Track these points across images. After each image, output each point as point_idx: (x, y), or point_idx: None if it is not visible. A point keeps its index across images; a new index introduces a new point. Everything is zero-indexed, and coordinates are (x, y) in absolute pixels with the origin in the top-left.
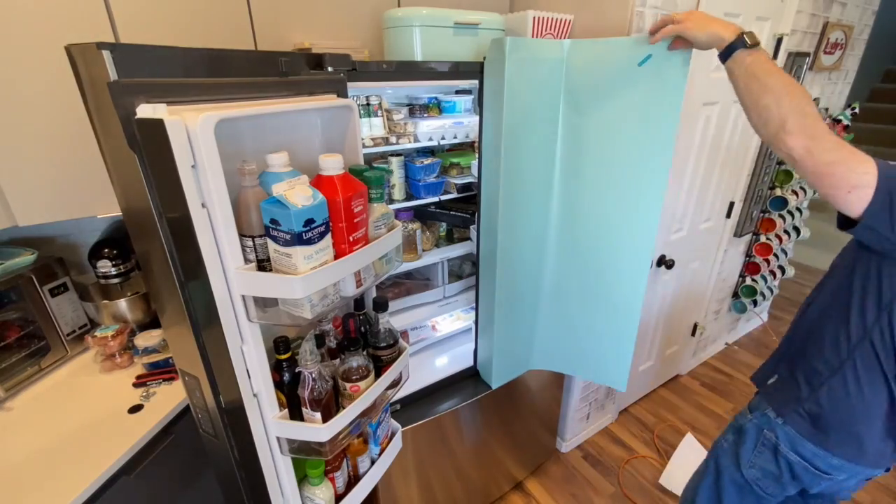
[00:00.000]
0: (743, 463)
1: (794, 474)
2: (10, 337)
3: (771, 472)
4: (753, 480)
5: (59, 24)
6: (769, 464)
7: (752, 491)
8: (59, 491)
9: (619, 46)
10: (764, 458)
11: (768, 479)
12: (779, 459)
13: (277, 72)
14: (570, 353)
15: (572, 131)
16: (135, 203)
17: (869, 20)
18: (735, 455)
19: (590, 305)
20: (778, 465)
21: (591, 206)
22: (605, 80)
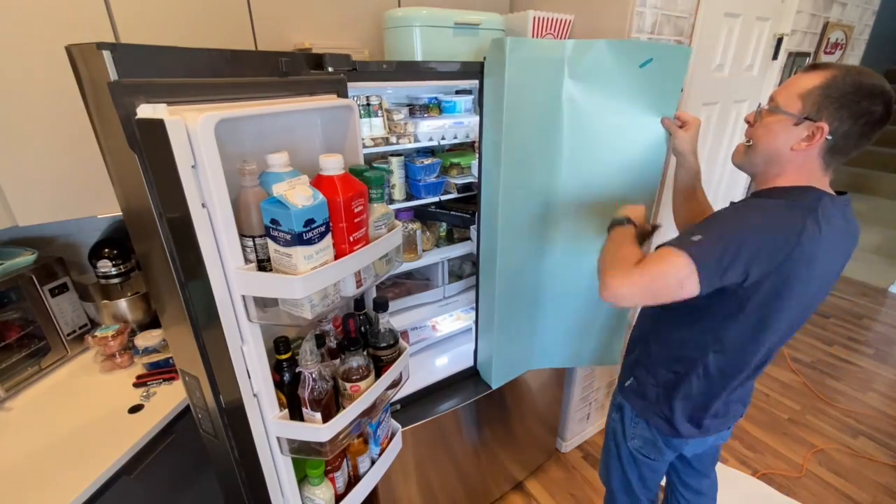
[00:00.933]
0: (627, 436)
1: (666, 440)
2: (11, 337)
3: (648, 439)
4: (637, 449)
5: (59, 24)
6: (645, 431)
7: (640, 460)
8: (59, 491)
9: (622, 48)
10: (640, 427)
11: (648, 446)
12: (651, 428)
13: (278, 72)
14: (570, 348)
15: (574, 130)
16: (135, 203)
17: (869, 20)
18: (622, 430)
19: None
20: (651, 432)
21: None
22: (608, 80)
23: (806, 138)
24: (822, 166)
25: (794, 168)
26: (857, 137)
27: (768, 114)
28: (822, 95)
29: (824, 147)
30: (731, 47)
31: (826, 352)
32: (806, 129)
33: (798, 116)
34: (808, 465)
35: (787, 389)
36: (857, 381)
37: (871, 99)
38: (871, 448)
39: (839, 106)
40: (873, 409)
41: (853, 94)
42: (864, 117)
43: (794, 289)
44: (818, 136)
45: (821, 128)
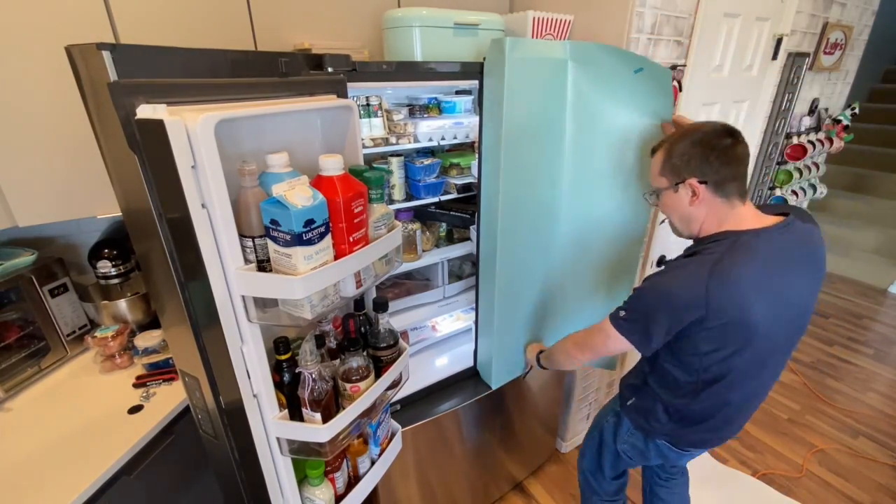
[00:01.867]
0: (618, 439)
1: (661, 453)
2: (10, 337)
3: (639, 449)
4: (623, 451)
5: (59, 24)
6: (639, 442)
7: (621, 459)
8: (59, 491)
9: (617, 53)
10: (636, 438)
11: (635, 452)
12: (648, 442)
13: (277, 72)
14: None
15: (573, 130)
16: (135, 203)
17: (869, 20)
18: (614, 433)
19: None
20: (647, 446)
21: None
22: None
23: (692, 195)
24: (724, 202)
25: (705, 216)
26: (724, 167)
27: (656, 196)
28: (670, 165)
29: (709, 190)
30: (731, 47)
31: (826, 352)
32: (684, 189)
33: (671, 186)
34: (808, 465)
35: (787, 389)
36: (857, 381)
37: (703, 142)
38: (871, 448)
39: (686, 161)
40: (873, 409)
41: (689, 149)
42: (713, 153)
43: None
44: (696, 189)
45: (690, 183)
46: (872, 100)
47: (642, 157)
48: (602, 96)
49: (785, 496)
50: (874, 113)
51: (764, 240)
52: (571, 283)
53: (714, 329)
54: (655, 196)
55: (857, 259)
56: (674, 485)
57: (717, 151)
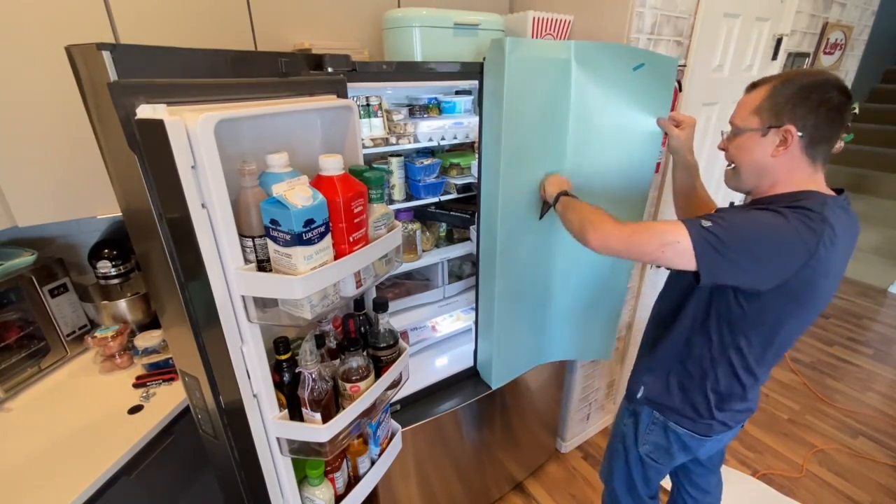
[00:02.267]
0: (639, 441)
1: (682, 444)
2: (10, 337)
3: (661, 445)
4: (647, 454)
5: (59, 24)
6: (660, 438)
7: (648, 465)
8: (59, 491)
9: (618, 51)
10: (655, 434)
11: (659, 451)
12: (668, 434)
13: (277, 72)
14: (567, 343)
15: (573, 130)
16: (135, 203)
17: (868, 21)
18: (634, 435)
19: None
20: (667, 439)
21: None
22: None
23: (780, 143)
24: (808, 163)
25: (784, 173)
26: (827, 125)
27: (734, 136)
28: (772, 104)
29: (802, 144)
30: (731, 47)
31: (826, 352)
32: (775, 135)
33: (762, 128)
34: (807, 466)
35: (786, 389)
36: (857, 381)
37: (820, 89)
38: (871, 448)
39: (793, 106)
40: (873, 409)
41: (801, 91)
42: (824, 105)
43: (811, 294)
44: (790, 138)
45: (788, 129)
46: (873, 100)
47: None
48: (602, 95)
49: (785, 496)
50: (874, 113)
51: (843, 210)
52: (571, 282)
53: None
54: (732, 136)
55: (857, 259)
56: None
57: (829, 106)
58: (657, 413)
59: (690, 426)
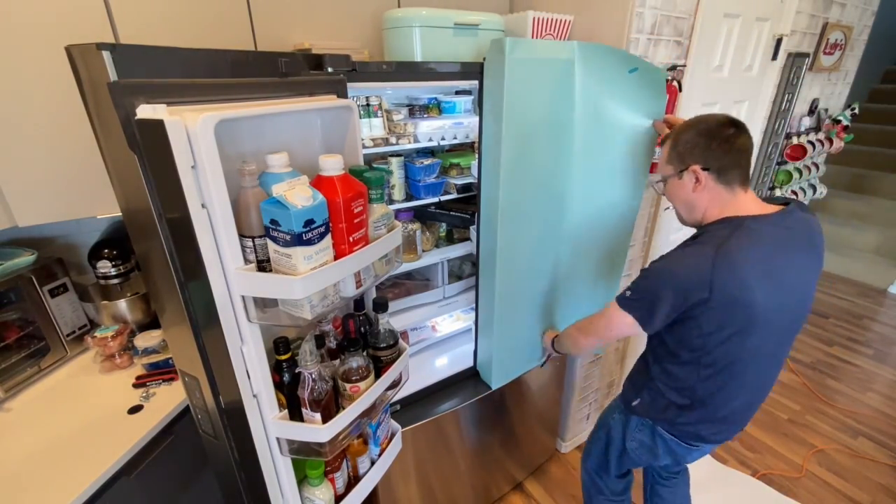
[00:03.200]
0: (627, 436)
1: (669, 449)
2: (10, 337)
3: (647, 445)
4: (632, 450)
5: (59, 24)
6: (647, 438)
7: (629, 458)
8: (59, 491)
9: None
10: (643, 434)
11: (643, 450)
12: (655, 437)
13: (277, 72)
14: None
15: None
16: (135, 203)
17: (868, 21)
18: (623, 431)
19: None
20: (654, 441)
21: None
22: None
23: (695, 181)
24: (725, 190)
25: (706, 203)
26: (725, 155)
27: (662, 184)
28: (676, 152)
29: (714, 178)
30: (731, 48)
31: (826, 352)
32: (688, 176)
33: (675, 173)
34: (807, 466)
35: (786, 389)
36: (857, 381)
37: (709, 127)
38: (871, 448)
39: (690, 149)
40: (873, 410)
41: (695, 136)
42: (717, 139)
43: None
44: (699, 175)
45: (694, 169)
46: (872, 100)
47: (638, 155)
48: (600, 96)
49: (785, 496)
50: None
51: (766, 224)
52: (571, 282)
53: (717, 309)
54: (663, 184)
55: (857, 259)
56: (674, 483)
57: (720, 140)
58: (647, 419)
59: (678, 433)
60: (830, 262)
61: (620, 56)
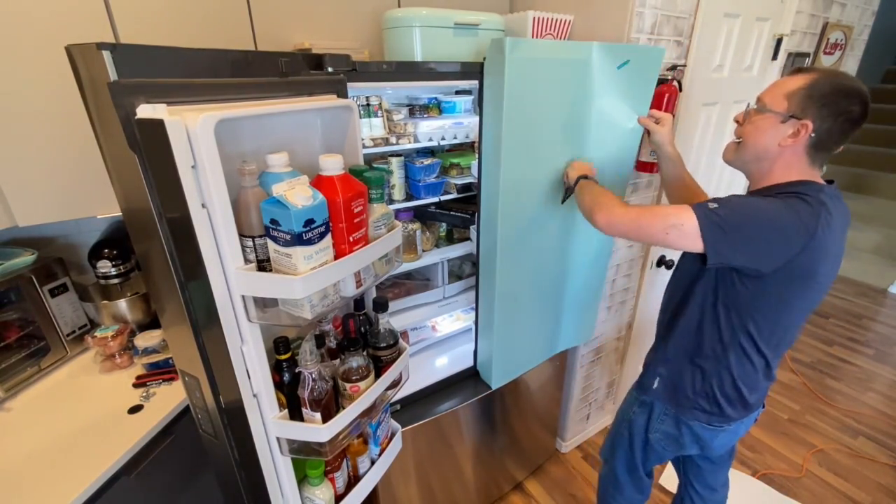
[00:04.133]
0: (650, 428)
1: (695, 436)
2: (10, 337)
3: (672, 435)
4: (656, 441)
5: (59, 24)
6: (671, 429)
7: (654, 449)
8: (59, 491)
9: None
10: (666, 424)
11: (669, 441)
12: (680, 426)
13: (277, 72)
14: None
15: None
16: (135, 203)
17: (869, 21)
18: (646, 423)
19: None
20: (679, 430)
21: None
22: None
23: (792, 135)
24: (808, 162)
25: (782, 164)
26: (837, 134)
27: (756, 113)
28: (805, 95)
29: (809, 143)
30: (731, 48)
31: (826, 352)
32: (791, 126)
33: (784, 114)
34: (808, 465)
35: (787, 389)
36: (857, 381)
37: (849, 99)
38: (871, 448)
39: (821, 105)
40: (873, 409)
41: (834, 95)
42: (844, 115)
43: (811, 276)
44: (803, 132)
45: (805, 125)
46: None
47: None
48: (599, 95)
49: (785, 496)
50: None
51: (837, 198)
52: (571, 281)
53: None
54: (755, 112)
55: (857, 259)
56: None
57: (849, 117)
58: (670, 406)
59: (705, 419)
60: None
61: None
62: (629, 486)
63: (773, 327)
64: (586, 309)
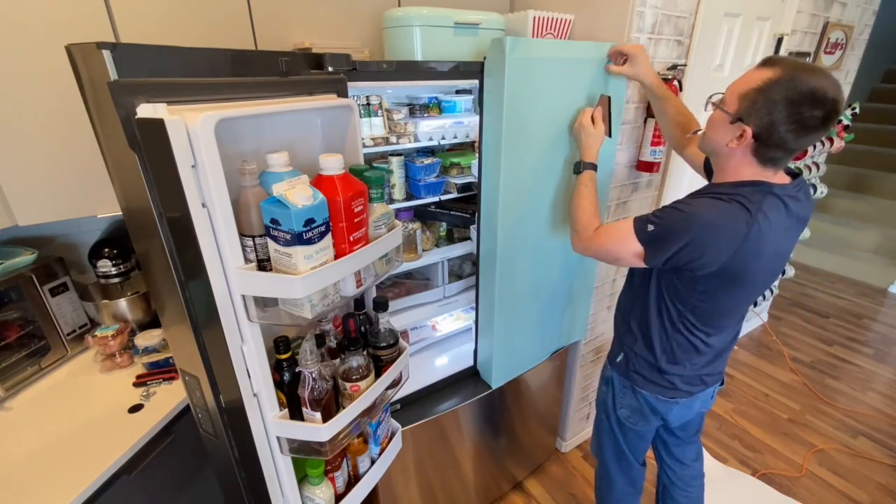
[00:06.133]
0: (616, 405)
1: (651, 406)
2: (10, 337)
3: (635, 408)
4: (625, 418)
5: (60, 24)
6: (632, 401)
7: (629, 429)
8: (59, 491)
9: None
10: (627, 397)
11: (636, 415)
12: (637, 397)
13: (278, 72)
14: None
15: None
16: (135, 203)
17: (869, 20)
18: (612, 401)
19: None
20: (638, 401)
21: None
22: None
23: (737, 137)
24: (758, 164)
25: (734, 163)
26: (787, 140)
27: (714, 108)
28: (756, 98)
29: (753, 147)
30: (731, 47)
31: (826, 352)
32: (737, 129)
33: (732, 116)
34: (807, 465)
35: (786, 389)
36: (857, 381)
37: (804, 105)
38: (871, 448)
39: (766, 111)
40: (873, 409)
41: (781, 102)
42: (792, 123)
43: (742, 276)
44: (744, 137)
45: (745, 131)
46: (873, 100)
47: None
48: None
49: (785, 496)
50: (875, 112)
51: (787, 196)
52: (571, 281)
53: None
54: (714, 107)
55: (857, 259)
56: (691, 490)
57: (805, 122)
58: (624, 378)
59: (653, 389)
60: (830, 262)
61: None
62: (619, 477)
63: (708, 316)
64: (582, 304)
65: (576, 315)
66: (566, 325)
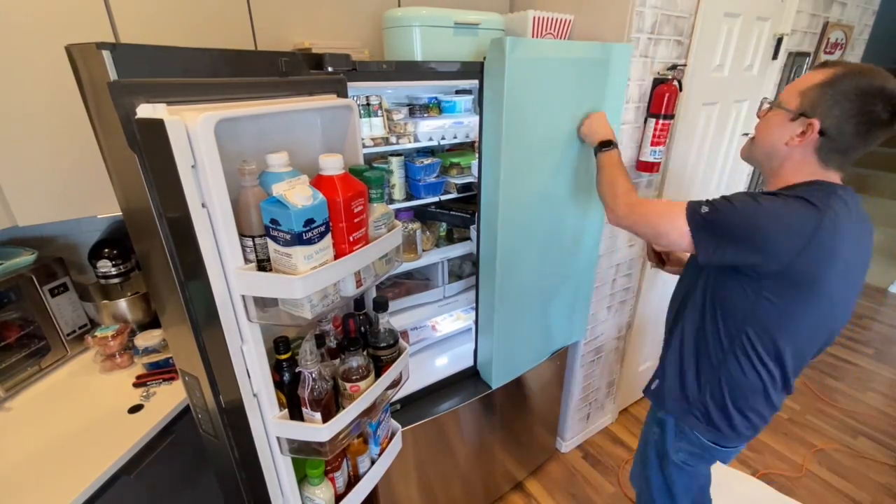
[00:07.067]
0: (670, 449)
1: (705, 447)
2: (10, 337)
3: (695, 453)
4: (682, 461)
5: (59, 24)
6: (690, 446)
7: (684, 469)
8: (59, 491)
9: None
10: (685, 441)
11: (694, 458)
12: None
13: (277, 72)
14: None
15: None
16: (135, 203)
17: (869, 20)
18: (664, 444)
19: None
20: (696, 445)
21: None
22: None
23: (799, 134)
24: (819, 164)
25: (792, 164)
26: (852, 137)
27: (769, 108)
28: (819, 93)
29: (817, 144)
30: (731, 47)
31: (826, 351)
32: (800, 125)
33: (794, 112)
34: (808, 465)
35: None
36: (857, 380)
37: (870, 100)
38: (871, 448)
39: (833, 104)
40: (873, 409)
41: (851, 94)
42: (860, 117)
43: (814, 282)
44: (809, 132)
45: (811, 124)
46: None
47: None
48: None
49: (785, 496)
50: None
51: (852, 202)
52: (572, 281)
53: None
54: (769, 108)
55: None
56: None
57: (869, 119)
58: (679, 422)
59: (711, 437)
60: None
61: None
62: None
63: (774, 337)
64: (582, 304)
65: (576, 315)
66: (566, 325)
